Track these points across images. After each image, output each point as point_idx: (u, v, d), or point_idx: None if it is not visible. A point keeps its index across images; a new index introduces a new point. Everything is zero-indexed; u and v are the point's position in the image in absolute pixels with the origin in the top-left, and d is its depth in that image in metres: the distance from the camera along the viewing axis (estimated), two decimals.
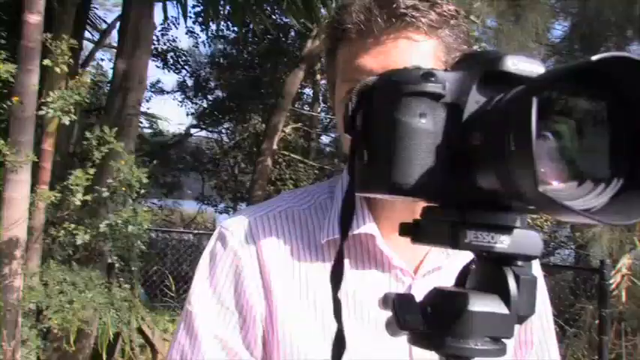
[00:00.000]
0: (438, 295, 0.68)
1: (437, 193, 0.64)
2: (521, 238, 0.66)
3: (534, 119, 0.52)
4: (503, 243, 0.65)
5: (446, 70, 0.66)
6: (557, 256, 9.50)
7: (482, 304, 0.65)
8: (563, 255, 9.63)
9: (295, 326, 1.00)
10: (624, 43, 7.02)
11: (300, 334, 0.99)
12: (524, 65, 0.62)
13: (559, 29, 8.60)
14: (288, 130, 10.88)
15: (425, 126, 0.62)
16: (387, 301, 0.69)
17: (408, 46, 0.94)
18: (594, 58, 0.53)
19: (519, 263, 0.67)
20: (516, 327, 0.66)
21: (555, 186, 0.57)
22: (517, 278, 0.66)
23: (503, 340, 0.66)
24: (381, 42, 0.94)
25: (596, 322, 5.58)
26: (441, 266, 1.03)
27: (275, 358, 1.00)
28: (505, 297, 0.66)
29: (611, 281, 6.23)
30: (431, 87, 0.62)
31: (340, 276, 0.73)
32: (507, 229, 0.65)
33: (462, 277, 0.72)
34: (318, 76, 12.38)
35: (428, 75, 0.62)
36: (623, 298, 6.31)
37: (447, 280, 0.98)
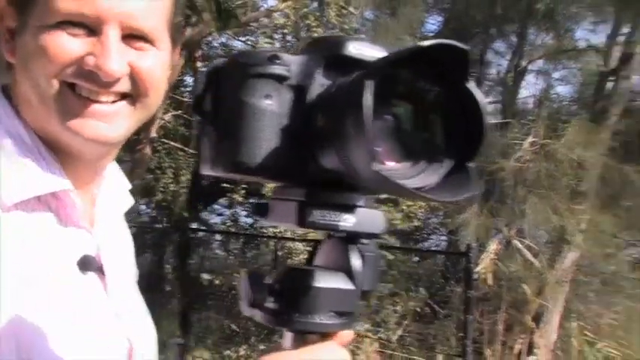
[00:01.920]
0: (285, 272, 0.70)
1: (283, 172, 0.66)
2: (365, 217, 0.69)
3: (368, 101, 0.55)
4: (347, 222, 0.68)
5: (292, 53, 0.68)
6: (430, 242, 9.91)
7: (327, 281, 0.68)
8: (437, 241, 10.05)
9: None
10: (488, 40, 7.43)
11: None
12: (366, 50, 0.65)
13: (433, 24, 8.96)
14: (168, 117, 10.63)
15: (270, 107, 0.64)
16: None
17: None
18: (425, 44, 0.56)
19: (364, 241, 0.70)
20: None
21: (390, 165, 0.60)
22: (361, 255, 0.69)
23: (347, 314, 0.69)
24: None
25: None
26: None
27: None
28: (350, 273, 0.69)
29: (480, 266, 6.60)
30: (276, 69, 0.64)
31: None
32: (352, 209, 0.68)
33: (311, 255, 0.74)
34: (199, 63, 12.17)
35: (273, 57, 0.64)
36: (491, 281, 6.70)
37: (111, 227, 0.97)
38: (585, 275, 7.10)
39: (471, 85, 0.60)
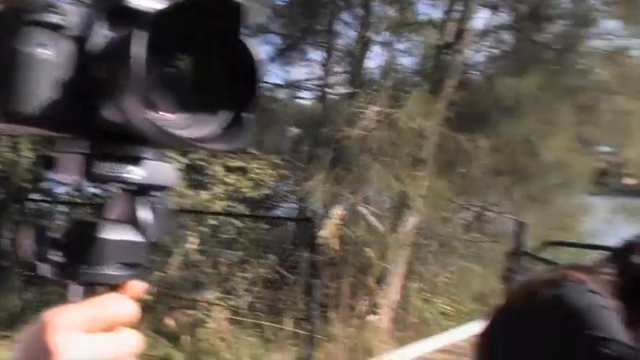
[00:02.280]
0: (72, 225, 0.70)
1: (64, 124, 0.65)
2: (155, 170, 0.70)
3: (137, 51, 0.56)
4: (135, 174, 0.69)
5: (73, 3, 0.67)
6: (282, 209, 10.07)
7: (115, 232, 0.68)
8: (288, 208, 10.21)
9: None
10: (337, 11, 7.60)
11: None
12: (146, 1, 0.65)
13: None
14: None
15: (46, 57, 0.63)
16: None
17: None
18: None
19: (154, 193, 0.71)
20: None
21: (166, 116, 0.62)
22: (150, 207, 0.70)
23: (135, 265, 0.70)
24: None
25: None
26: None
27: None
28: (138, 225, 0.70)
29: (325, 231, 6.80)
30: (52, 17, 0.63)
31: None
32: (139, 161, 0.69)
33: (103, 209, 0.74)
34: None
35: (48, 6, 0.63)
36: (337, 246, 6.94)
37: None
38: (425, 238, 7.57)
39: (246, 39, 0.63)
